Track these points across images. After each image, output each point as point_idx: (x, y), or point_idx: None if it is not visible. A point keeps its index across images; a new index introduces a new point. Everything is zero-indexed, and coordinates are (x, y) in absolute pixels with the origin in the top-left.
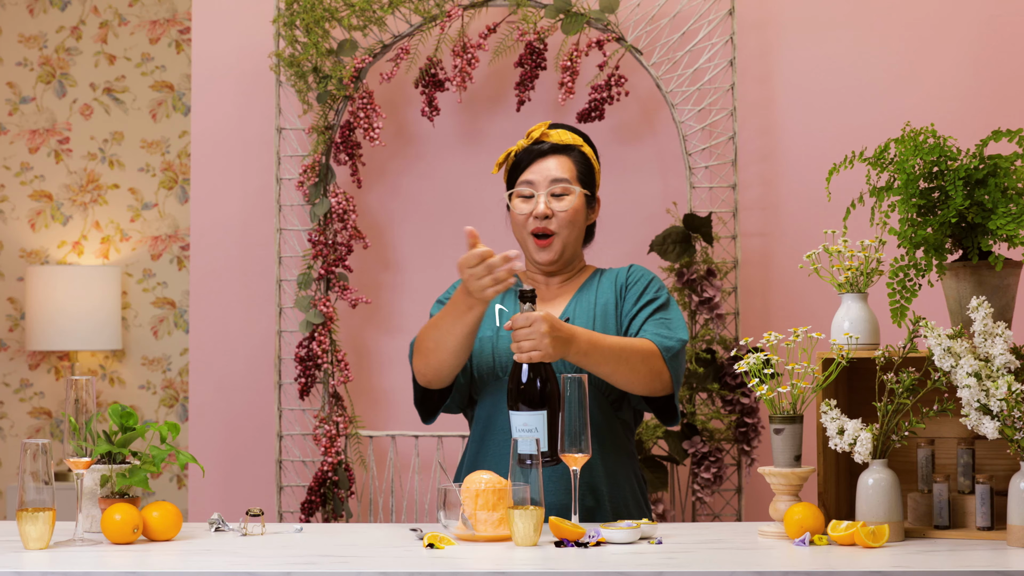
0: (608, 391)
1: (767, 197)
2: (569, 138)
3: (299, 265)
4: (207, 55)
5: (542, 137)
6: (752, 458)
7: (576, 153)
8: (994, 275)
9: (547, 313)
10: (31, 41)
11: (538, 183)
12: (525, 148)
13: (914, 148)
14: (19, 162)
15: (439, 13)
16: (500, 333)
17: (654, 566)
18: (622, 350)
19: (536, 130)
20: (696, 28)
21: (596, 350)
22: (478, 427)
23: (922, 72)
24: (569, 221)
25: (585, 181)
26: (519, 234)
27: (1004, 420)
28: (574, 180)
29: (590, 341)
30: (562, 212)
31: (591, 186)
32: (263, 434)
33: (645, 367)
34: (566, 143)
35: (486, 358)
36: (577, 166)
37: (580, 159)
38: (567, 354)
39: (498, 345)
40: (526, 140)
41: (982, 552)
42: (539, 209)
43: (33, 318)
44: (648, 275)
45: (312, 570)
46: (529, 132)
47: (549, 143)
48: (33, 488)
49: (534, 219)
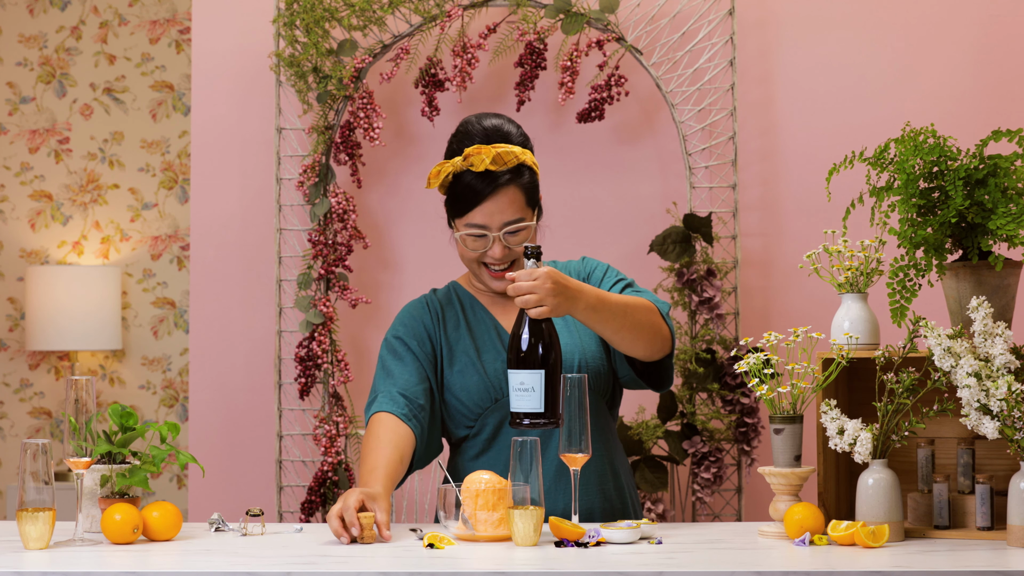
0: (604, 390)
1: (767, 197)
2: (513, 157)
3: (299, 265)
4: (207, 55)
5: (492, 168)
6: (752, 458)
7: (525, 174)
8: (994, 275)
9: (552, 268)
10: (31, 41)
11: (492, 226)
12: (471, 181)
13: (914, 148)
14: (19, 162)
15: (439, 13)
16: (482, 356)
17: (654, 566)
18: (627, 305)
19: (477, 156)
20: (696, 28)
21: (604, 306)
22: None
23: (922, 72)
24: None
25: (534, 199)
26: (469, 264)
27: (1004, 420)
28: (525, 209)
29: (598, 296)
30: (518, 247)
31: (538, 198)
32: (263, 434)
33: (649, 322)
34: (511, 166)
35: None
36: (526, 191)
37: (527, 181)
38: (575, 310)
39: (484, 368)
40: (464, 162)
41: (982, 552)
42: (496, 254)
43: (33, 318)
44: (604, 264)
45: (312, 570)
46: (467, 155)
47: (493, 178)
48: (33, 488)
49: (490, 258)
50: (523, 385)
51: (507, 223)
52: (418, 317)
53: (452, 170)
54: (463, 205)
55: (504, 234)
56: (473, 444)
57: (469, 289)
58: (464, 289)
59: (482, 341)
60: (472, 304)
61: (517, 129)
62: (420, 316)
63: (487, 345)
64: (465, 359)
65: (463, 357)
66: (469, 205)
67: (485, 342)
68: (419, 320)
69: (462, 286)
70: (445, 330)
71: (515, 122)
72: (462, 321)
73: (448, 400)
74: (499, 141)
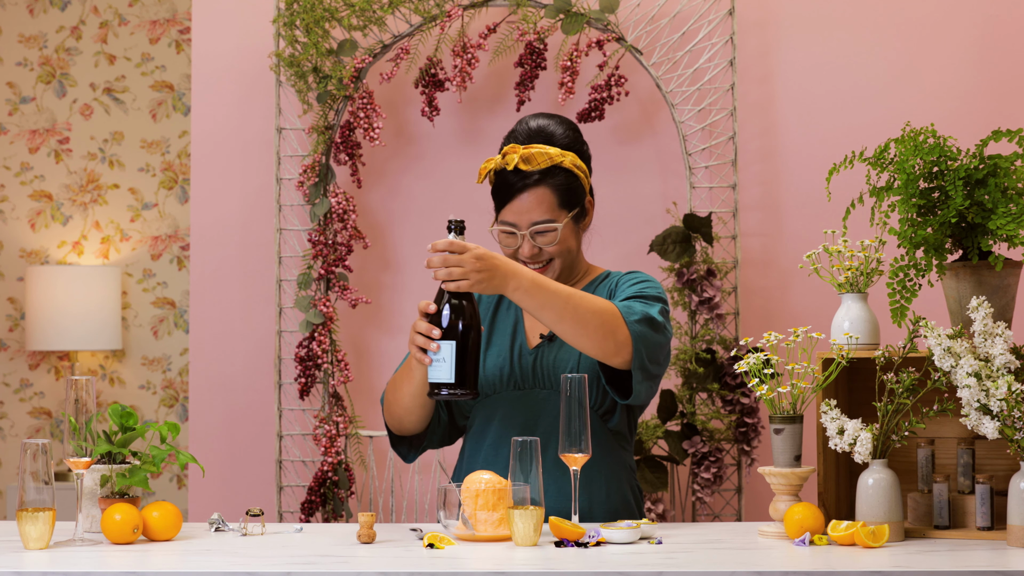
0: (598, 402)
1: (767, 197)
2: (546, 159)
3: (299, 265)
4: (207, 55)
5: (520, 167)
6: (752, 458)
7: (554, 178)
8: (994, 275)
9: (482, 248)
10: (31, 41)
11: (520, 224)
12: (503, 177)
13: (914, 148)
14: (19, 162)
15: (439, 13)
16: (488, 352)
17: (654, 566)
18: (573, 296)
19: (511, 155)
20: (696, 28)
21: (540, 291)
22: (469, 443)
23: (922, 72)
24: (560, 250)
25: (571, 201)
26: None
27: (1004, 420)
28: (556, 211)
29: (534, 281)
30: (549, 247)
31: (578, 202)
32: (263, 434)
33: (599, 320)
34: (543, 168)
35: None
36: (559, 193)
37: (561, 182)
38: (505, 289)
39: (485, 367)
40: (502, 160)
41: (982, 552)
42: (524, 252)
43: (33, 318)
44: (647, 276)
45: (312, 570)
46: (504, 153)
47: (523, 177)
48: (33, 488)
49: (521, 256)
50: (437, 355)
51: (535, 223)
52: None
53: (493, 167)
54: (498, 201)
55: (532, 233)
56: (470, 443)
57: None
58: None
59: (496, 338)
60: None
61: (564, 131)
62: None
63: (497, 340)
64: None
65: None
66: (502, 202)
67: (497, 336)
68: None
69: None
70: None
71: (568, 123)
72: (489, 317)
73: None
74: (539, 142)
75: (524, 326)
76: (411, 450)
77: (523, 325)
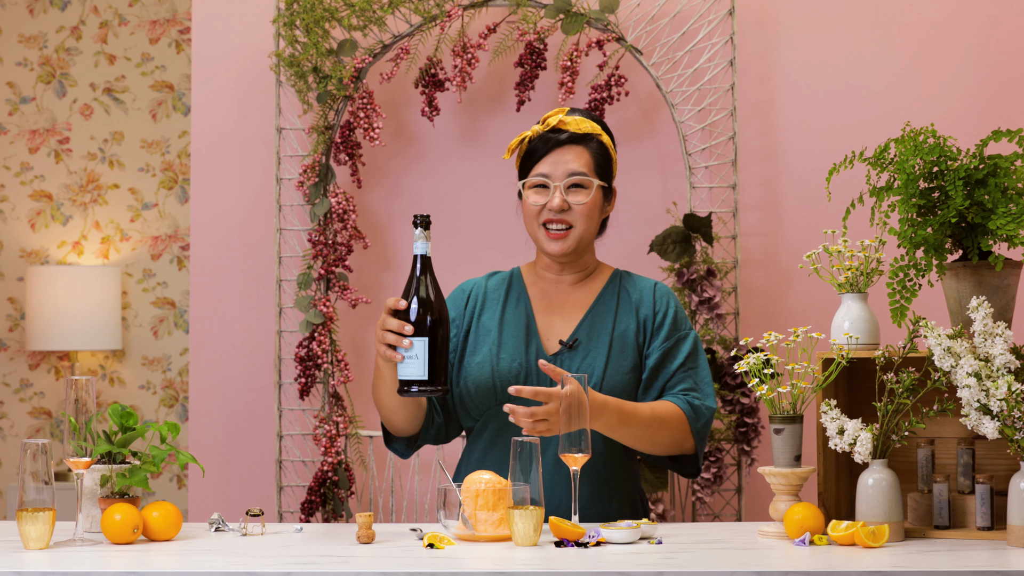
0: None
1: (767, 197)
2: (588, 126)
3: (299, 265)
4: (207, 55)
5: (559, 125)
6: (752, 458)
7: (594, 143)
8: (994, 275)
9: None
10: (31, 41)
11: (554, 175)
12: (540, 136)
13: (914, 148)
14: (19, 162)
15: (439, 13)
16: (500, 355)
17: (654, 566)
18: (650, 425)
19: (553, 116)
20: (696, 28)
21: (624, 427)
22: (479, 443)
23: (922, 72)
24: (586, 215)
25: (603, 173)
26: (530, 226)
27: (1004, 420)
28: (592, 172)
29: (620, 419)
30: (579, 206)
31: (608, 178)
32: (263, 434)
33: (669, 440)
34: (584, 132)
35: (485, 381)
36: (595, 157)
37: (598, 150)
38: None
39: (498, 368)
40: (542, 126)
41: (982, 552)
42: (555, 203)
43: (33, 318)
44: (673, 306)
45: (312, 570)
46: (545, 118)
47: (567, 132)
48: (33, 488)
49: (548, 211)
50: (409, 352)
51: (572, 173)
52: (455, 301)
53: (530, 135)
54: (531, 161)
55: (566, 186)
56: (475, 445)
57: (526, 277)
58: (520, 276)
59: (507, 338)
60: (520, 294)
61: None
62: (457, 300)
63: (509, 343)
64: (486, 352)
65: (485, 349)
66: (537, 157)
67: (509, 339)
68: (456, 306)
69: (521, 272)
70: (478, 318)
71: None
72: (499, 310)
73: (462, 386)
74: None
75: (537, 326)
76: (408, 448)
77: (536, 325)
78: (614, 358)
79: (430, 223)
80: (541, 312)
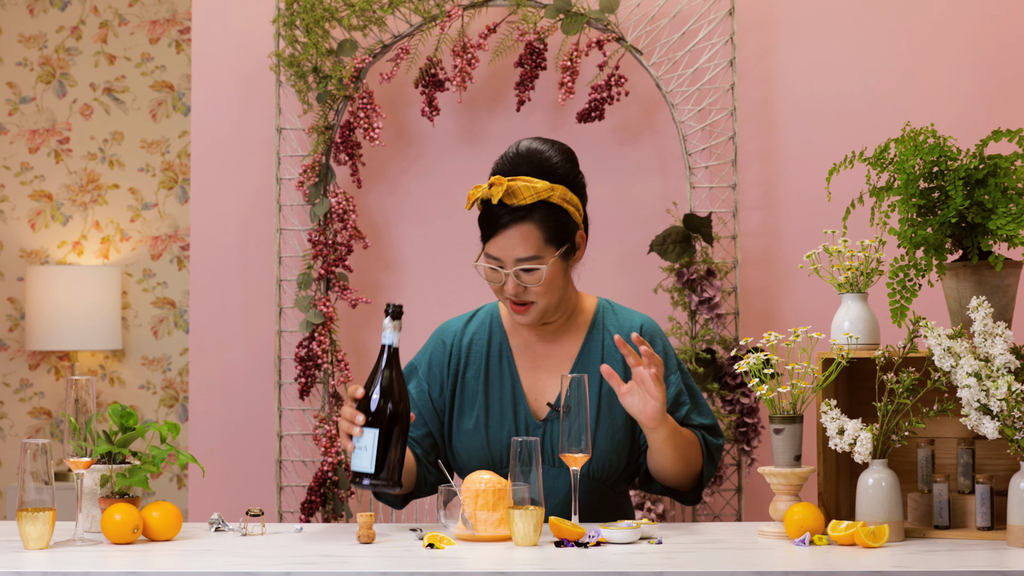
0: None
1: (767, 197)
2: (531, 193)
3: (299, 265)
4: (207, 55)
5: (505, 199)
6: (752, 458)
7: (540, 212)
8: (994, 275)
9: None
10: (31, 41)
11: (505, 261)
12: (485, 213)
13: (914, 148)
14: (19, 162)
15: (439, 13)
16: (489, 423)
17: (654, 566)
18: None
19: (495, 189)
20: (696, 28)
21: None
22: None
23: (922, 72)
24: (544, 292)
25: (559, 237)
26: (495, 292)
27: (1004, 420)
28: (542, 248)
29: (674, 426)
30: (535, 285)
31: (567, 237)
32: (263, 434)
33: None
34: (529, 203)
35: (479, 449)
36: (544, 229)
37: (547, 217)
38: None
39: (490, 437)
40: (487, 190)
41: (982, 552)
42: (508, 290)
43: (33, 318)
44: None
45: (312, 570)
46: (491, 183)
47: (507, 210)
48: (33, 488)
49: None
50: (359, 442)
51: (519, 259)
52: (438, 361)
53: (480, 196)
54: (483, 234)
55: (516, 272)
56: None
57: (506, 321)
58: (500, 321)
59: (494, 403)
60: (501, 345)
61: (557, 159)
62: (439, 357)
63: (496, 410)
64: (473, 420)
65: (471, 417)
66: (486, 236)
67: (495, 407)
68: (438, 364)
69: (500, 315)
70: (463, 377)
71: (563, 149)
72: (482, 372)
73: (455, 450)
74: (527, 168)
75: (523, 386)
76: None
77: (521, 388)
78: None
79: (401, 313)
80: (525, 369)
